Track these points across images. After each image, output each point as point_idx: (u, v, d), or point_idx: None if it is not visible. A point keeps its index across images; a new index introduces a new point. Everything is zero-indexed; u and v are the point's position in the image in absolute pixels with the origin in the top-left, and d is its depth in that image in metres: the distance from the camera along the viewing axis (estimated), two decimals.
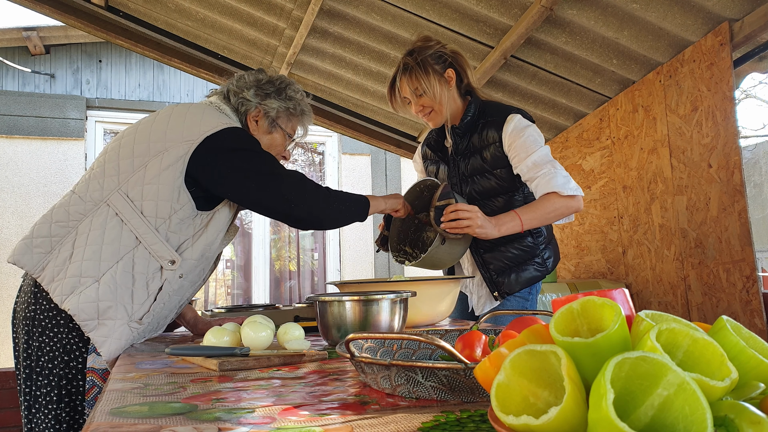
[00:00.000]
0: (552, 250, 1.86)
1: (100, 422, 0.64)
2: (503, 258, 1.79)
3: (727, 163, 2.29)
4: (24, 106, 4.66)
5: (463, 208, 1.59)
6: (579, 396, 0.39)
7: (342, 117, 3.62)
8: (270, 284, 5.35)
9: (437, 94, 1.74)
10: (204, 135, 1.34)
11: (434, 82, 1.73)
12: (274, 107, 1.53)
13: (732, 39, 2.25)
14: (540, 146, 1.69)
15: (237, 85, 1.53)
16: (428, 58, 1.74)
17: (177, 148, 1.33)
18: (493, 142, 1.76)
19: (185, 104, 1.45)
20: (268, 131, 1.54)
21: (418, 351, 0.95)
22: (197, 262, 1.41)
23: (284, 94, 1.54)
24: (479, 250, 1.82)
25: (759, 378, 0.44)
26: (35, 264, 1.31)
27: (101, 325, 1.28)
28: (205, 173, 1.36)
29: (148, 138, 1.36)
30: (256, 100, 1.51)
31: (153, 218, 1.32)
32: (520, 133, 1.70)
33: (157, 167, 1.33)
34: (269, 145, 1.55)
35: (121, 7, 3.00)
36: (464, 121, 1.80)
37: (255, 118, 1.53)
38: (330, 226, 1.54)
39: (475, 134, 1.80)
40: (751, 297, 2.22)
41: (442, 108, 1.77)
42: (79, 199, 1.34)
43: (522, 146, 1.69)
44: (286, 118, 1.56)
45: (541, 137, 1.73)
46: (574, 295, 0.49)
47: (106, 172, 1.35)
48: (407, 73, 1.74)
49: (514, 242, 1.78)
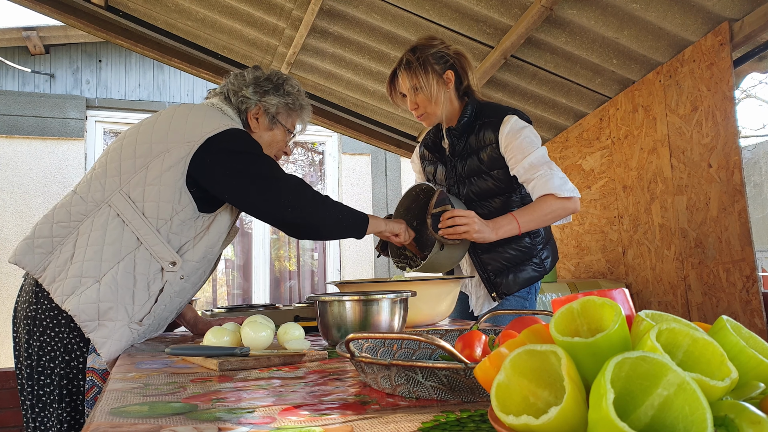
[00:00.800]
0: (550, 249, 1.86)
1: (100, 422, 0.64)
2: (501, 259, 1.80)
3: (727, 163, 2.29)
4: (24, 106, 4.66)
5: (460, 214, 1.60)
6: (579, 396, 0.39)
7: (342, 117, 3.62)
8: (270, 284, 5.35)
9: (433, 94, 1.74)
10: (206, 136, 1.34)
11: (432, 82, 1.73)
12: (274, 103, 1.53)
13: (732, 39, 2.25)
14: (537, 147, 1.69)
15: (235, 83, 1.53)
16: (429, 57, 1.74)
17: (179, 149, 1.33)
18: (489, 144, 1.76)
19: (187, 105, 1.45)
20: (269, 128, 1.55)
21: (418, 351, 0.95)
22: (199, 264, 1.41)
23: (282, 90, 1.55)
24: (477, 251, 1.82)
25: (759, 378, 0.44)
26: (36, 264, 1.31)
27: (101, 327, 1.28)
28: (204, 174, 1.36)
29: (150, 139, 1.36)
30: (256, 97, 1.52)
31: (154, 219, 1.32)
32: (517, 135, 1.70)
33: (158, 168, 1.32)
34: (271, 141, 1.56)
35: (121, 7, 3.00)
36: (461, 122, 1.80)
37: (255, 116, 1.53)
38: (326, 236, 1.52)
39: (472, 135, 1.80)
40: (751, 297, 2.22)
41: (436, 108, 1.77)
42: (80, 199, 1.34)
43: (518, 148, 1.69)
44: (286, 114, 1.57)
45: (537, 138, 1.73)
46: (574, 295, 0.49)
47: (108, 173, 1.35)
48: (407, 69, 1.75)
49: (511, 243, 1.78)
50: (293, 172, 5.80)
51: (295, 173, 6.10)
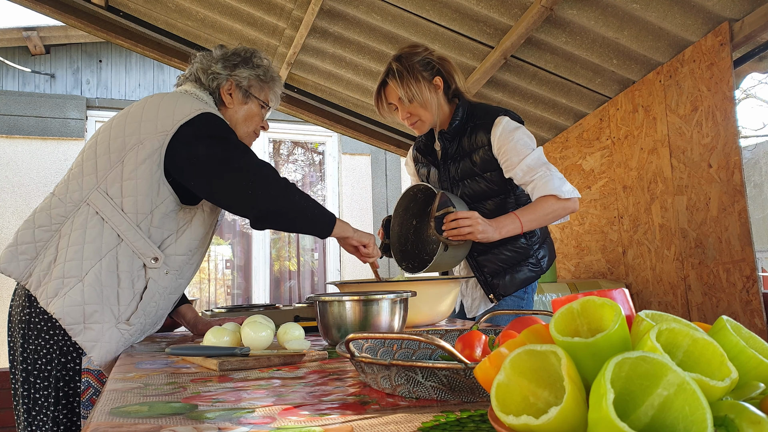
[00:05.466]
0: (547, 249, 1.86)
1: (100, 422, 0.64)
2: (497, 260, 1.80)
3: (727, 163, 2.29)
4: (24, 106, 4.66)
5: (463, 216, 1.60)
6: (579, 396, 0.39)
7: (342, 117, 3.62)
8: (270, 284, 5.35)
9: (426, 101, 1.73)
10: (178, 124, 1.30)
11: (424, 89, 1.72)
12: (245, 76, 1.51)
13: (732, 39, 2.25)
14: (532, 149, 1.69)
15: (204, 62, 1.51)
16: (416, 65, 1.73)
17: (152, 140, 1.30)
18: (482, 146, 1.75)
19: (159, 94, 1.41)
20: (243, 102, 1.52)
21: (418, 351, 0.95)
22: (187, 258, 1.39)
23: (251, 63, 1.53)
24: (473, 253, 1.82)
25: (759, 378, 0.44)
26: (22, 271, 1.29)
27: (87, 329, 1.26)
28: (174, 163, 1.32)
29: (123, 132, 1.33)
30: (226, 72, 1.49)
31: (134, 214, 1.30)
32: (510, 136, 1.70)
33: (133, 162, 1.30)
34: (247, 116, 1.53)
35: (121, 7, 3.00)
36: (452, 125, 1.79)
37: (228, 91, 1.50)
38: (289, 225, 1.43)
39: (464, 138, 1.79)
40: (751, 297, 2.22)
41: (429, 115, 1.76)
42: (59, 201, 1.32)
43: (513, 150, 1.68)
44: (259, 87, 1.54)
45: (531, 139, 1.73)
46: (574, 295, 0.49)
47: (84, 171, 1.32)
48: (396, 79, 1.72)
49: (507, 244, 1.78)
50: (293, 171, 5.80)
51: (295, 173, 6.04)
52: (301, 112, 3.52)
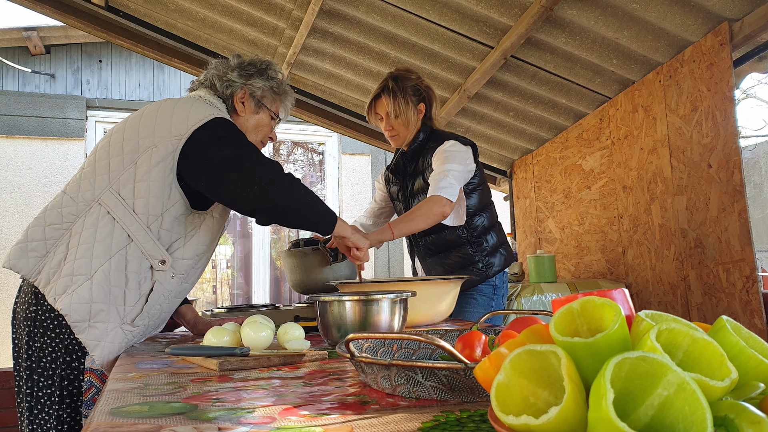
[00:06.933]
0: (500, 257, 2.03)
1: (100, 422, 0.64)
2: (443, 264, 2.03)
3: (727, 163, 2.29)
4: (24, 106, 4.66)
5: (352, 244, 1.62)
6: (579, 396, 0.39)
7: (342, 117, 3.62)
8: (270, 284, 5.35)
9: (410, 121, 1.99)
10: (192, 128, 1.32)
11: (410, 111, 1.98)
12: (259, 86, 1.54)
13: (732, 39, 2.25)
14: (454, 162, 1.84)
15: (220, 69, 1.54)
16: (408, 89, 1.98)
17: (166, 143, 1.31)
18: (430, 165, 1.95)
19: (173, 99, 1.43)
20: (254, 111, 1.55)
21: (418, 351, 0.95)
22: (194, 263, 1.40)
23: (266, 75, 1.56)
24: (425, 257, 2.06)
25: (759, 378, 0.44)
26: (31, 268, 1.30)
27: (92, 328, 1.26)
28: (186, 167, 1.33)
29: (137, 134, 1.34)
30: (241, 80, 1.52)
31: (145, 215, 1.31)
32: (444, 153, 1.89)
33: (147, 164, 1.31)
34: (257, 125, 1.56)
35: (121, 7, 3.00)
36: (412, 146, 2.03)
37: (241, 100, 1.53)
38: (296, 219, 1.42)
39: (420, 158, 2.03)
40: (751, 297, 2.22)
41: (408, 133, 2.01)
42: (71, 200, 1.33)
43: (438, 161, 1.87)
44: (271, 98, 1.58)
45: (466, 159, 1.88)
46: (574, 295, 0.49)
47: (97, 171, 1.33)
48: (392, 96, 1.96)
49: (452, 252, 2.00)
50: (293, 172, 5.80)
51: (295, 173, 6.09)
52: (301, 112, 3.52)
